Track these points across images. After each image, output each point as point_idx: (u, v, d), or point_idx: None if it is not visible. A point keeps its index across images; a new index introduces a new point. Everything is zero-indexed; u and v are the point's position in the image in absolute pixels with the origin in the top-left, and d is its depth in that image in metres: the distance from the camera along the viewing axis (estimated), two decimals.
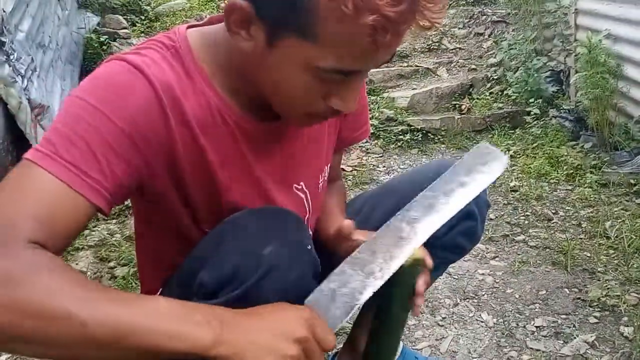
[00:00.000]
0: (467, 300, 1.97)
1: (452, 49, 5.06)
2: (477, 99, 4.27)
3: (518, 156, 3.44)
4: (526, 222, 2.60)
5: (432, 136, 3.96)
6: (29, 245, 0.66)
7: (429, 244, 1.16)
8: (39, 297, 0.62)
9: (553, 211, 2.70)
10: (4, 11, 2.65)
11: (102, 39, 4.35)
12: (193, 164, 0.85)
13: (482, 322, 1.83)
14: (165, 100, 0.80)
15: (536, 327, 1.79)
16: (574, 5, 3.76)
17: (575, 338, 1.71)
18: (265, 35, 0.74)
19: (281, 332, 0.72)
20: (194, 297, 0.82)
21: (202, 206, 0.90)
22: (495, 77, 4.43)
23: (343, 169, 3.30)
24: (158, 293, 0.99)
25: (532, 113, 3.80)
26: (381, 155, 3.74)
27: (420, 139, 3.92)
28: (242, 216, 0.86)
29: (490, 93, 4.32)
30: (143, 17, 5.38)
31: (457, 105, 4.23)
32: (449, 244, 1.17)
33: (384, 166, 3.55)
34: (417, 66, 4.80)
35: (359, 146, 3.73)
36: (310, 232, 1.08)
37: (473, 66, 4.74)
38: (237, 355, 0.68)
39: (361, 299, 0.81)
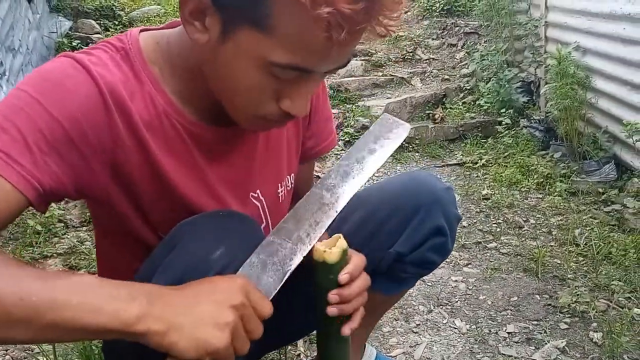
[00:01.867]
0: (441, 307, 1.98)
1: (426, 59, 5.13)
2: (450, 108, 4.33)
3: (490, 165, 3.50)
4: (498, 229, 2.64)
5: (406, 144, 3.99)
6: None
7: (398, 260, 1.15)
8: None
9: (524, 219, 2.74)
10: None
11: (74, 44, 4.30)
12: (141, 167, 0.83)
13: (455, 328, 1.84)
14: (110, 99, 0.78)
15: (508, 333, 1.81)
16: (544, 18, 3.85)
17: (546, 344, 1.74)
18: (220, 26, 0.73)
19: (215, 300, 0.70)
20: None
21: (153, 209, 0.88)
22: (468, 88, 4.50)
23: (318, 177, 3.30)
24: None
25: (503, 123, 3.87)
26: None
27: None
28: (193, 220, 0.85)
29: (463, 103, 4.38)
30: (116, 22, 5.32)
31: (430, 115, 4.28)
32: (419, 260, 1.16)
33: None
34: (392, 75, 4.85)
35: (334, 154, 3.74)
36: None
37: (446, 76, 4.80)
38: (170, 329, 0.66)
39: (292, 265, 0.81)
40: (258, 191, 0.99)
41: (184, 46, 0.82)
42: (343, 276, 0.87)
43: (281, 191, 1.04)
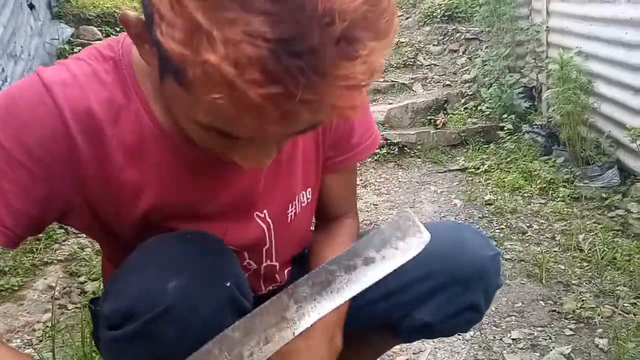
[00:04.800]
0: None
1: (427, 65, 5.12)
2: (452, 114, 4.32)
3: (492, 170, 3.48)
4: (501, 235, 2.62)
5: (408, 150, 3.99)
6: None
7: (424, 325, 1.03)
8: None
9: (527, 224, 2.72)
10: None
11: (75, 51, 4.30)
12: (118, 196, 0.77)
13: (459, 335, 1.82)
14: (76, 128, 0.72)
15: (513, 339, 1.80)
16: (546, 24, 3.85)
17: (551, 350, 1.72)
18: (158, 61, 0.62)
19: None
20: (102, 326, 0.77)
21: (134, 235, 0.82)
22: (470, 93, 4.49)
23: None
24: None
25: (505, 128, 3.86)
26: (358, 168, 3.75)
27: (396, 152, 3.94)
28: (154, 242, 0.78)
29: (465, 108, 4.37)
30: (118, 29, 5.32)
31: (432, 120, 4.27)
32: (446, 330, 1.08)
33: (360, 180, 3.56)
34: (393, 81, 4.84)
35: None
36: (276, 264, 0.97)
37: (448, 82, 4.80)
38: None
39: None
40: (265, 211, 0.90)
41: None
42: None
43: (291, 211, 0.94)
